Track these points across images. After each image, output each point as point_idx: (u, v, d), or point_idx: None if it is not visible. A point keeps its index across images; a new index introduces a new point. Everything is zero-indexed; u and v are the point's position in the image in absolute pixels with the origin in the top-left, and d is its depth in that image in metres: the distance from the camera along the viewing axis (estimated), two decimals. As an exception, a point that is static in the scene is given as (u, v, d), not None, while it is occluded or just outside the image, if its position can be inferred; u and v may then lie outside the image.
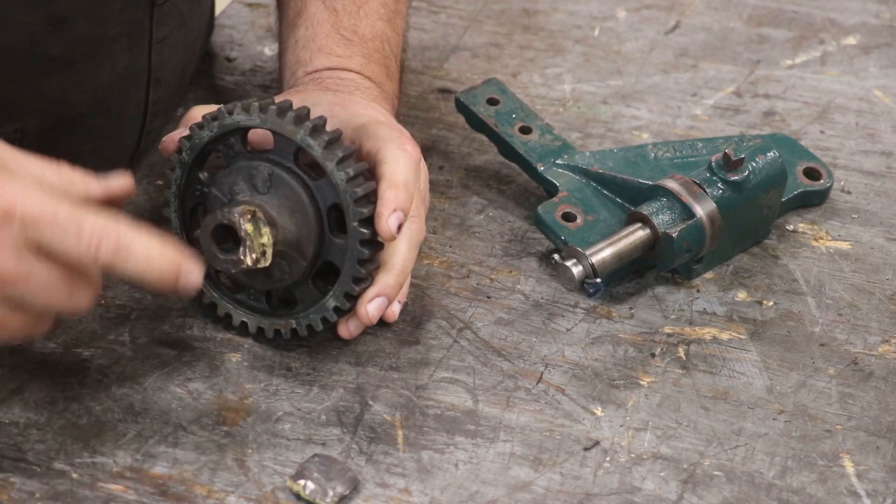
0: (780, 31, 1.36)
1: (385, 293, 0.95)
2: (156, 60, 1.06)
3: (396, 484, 0.90)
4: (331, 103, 1.00)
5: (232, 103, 0.95)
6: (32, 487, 0.89)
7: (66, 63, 0.99)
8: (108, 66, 1.02)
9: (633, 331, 1.02)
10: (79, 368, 0.97)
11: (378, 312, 0.95)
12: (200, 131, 0.95)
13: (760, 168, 1.04)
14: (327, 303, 0.95)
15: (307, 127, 0.92)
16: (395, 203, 0.92)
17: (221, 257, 0.92)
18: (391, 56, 1.11)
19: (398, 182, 0.93)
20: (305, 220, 0.93)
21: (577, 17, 1.38)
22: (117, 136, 1.08)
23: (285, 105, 0.93)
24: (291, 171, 0.93)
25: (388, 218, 0.92)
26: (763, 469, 0.92)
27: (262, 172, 0.93)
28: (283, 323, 0.97)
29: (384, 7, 1.12)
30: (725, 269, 1.08)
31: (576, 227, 1.07)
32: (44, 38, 0.96)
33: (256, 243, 0.92)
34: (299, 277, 0.95)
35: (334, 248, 0.94)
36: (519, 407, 0.96)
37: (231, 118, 0.94)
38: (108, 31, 1.00)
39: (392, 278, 0.95)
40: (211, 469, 0.90)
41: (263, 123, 0.93)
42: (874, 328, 1.03)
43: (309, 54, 1.08)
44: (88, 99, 1.02)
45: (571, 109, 1.25)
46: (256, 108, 0.93)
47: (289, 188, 0.93)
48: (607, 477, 0.91)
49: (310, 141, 0.92)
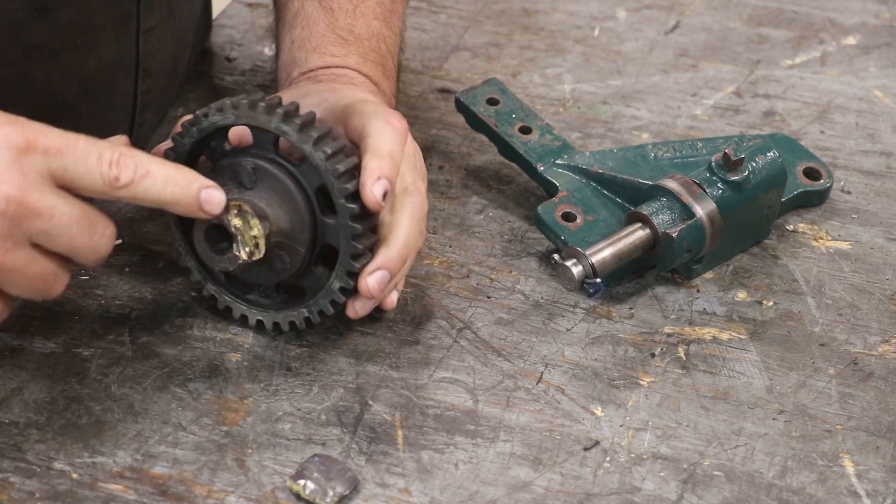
0: (780, 31, 1.36)
1: (386, 266, 0.94)
2: (144, 50, 1.06)
3: (396, 484, 0.90)
4: (320, 91, 1.00)
5: (206, 106, 0.95)
6: (32, 487, 0.89)
7: (51, 51, 0.98)
8: (94, 55, 1.02)
9: (633, 331, 1.02)
10: (79, 368, 0.97)
11: (379, 286, 0.94)
12: (182, 139, 0.96)
13: (760, 168, 1.04)
14: (332, 285, 0.95)
15: (279, 114, 0.92)
16: (379, 171, 0.91)
17: (218, 257, 0.93)
18: (388, 55, 1.11)
19: (382, 151, 0.92)
20: (295, 207, 0.93)
21: (577, 17, 1.38)
22: (107, 127, 1.07)
23: (256, 98, 0.93)
24: (274, 161, 0.94)
25: (373, 186, 0.91)
26: (763, 469, 0.92)
27: (246, 167, 0.93)
28: (295, 314, 0.97)
29: (380, 6, 1.12)
30: (725, 269, 1.07)
31: (576, 227, 1.07)
32: (28, 24, 0.96)
33: (248, 236, 0.92)
34: (301, 265, 0.95)
35: (329, 230, 0.94)
36: (519, 407, 0.96)
37: (207, 120, 0.94)
38: (94, 19, 1.00)
39: (393, 251, 0.94)
40: (211, 469, 0.90)
41: (238, 119, 0.93)
42: (874, 328, 1.03)
43: (304, 54, 1.08)
44: (75, 88, 1.02)
45: (571, 109, 1.25)
46: (229, 106, 0.93)
47: (274, 178, 0.93)
48: (607, 477, 0.91)
49: (283, 127, 0.92)
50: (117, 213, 1.08)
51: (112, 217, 0.87)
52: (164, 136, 1.05)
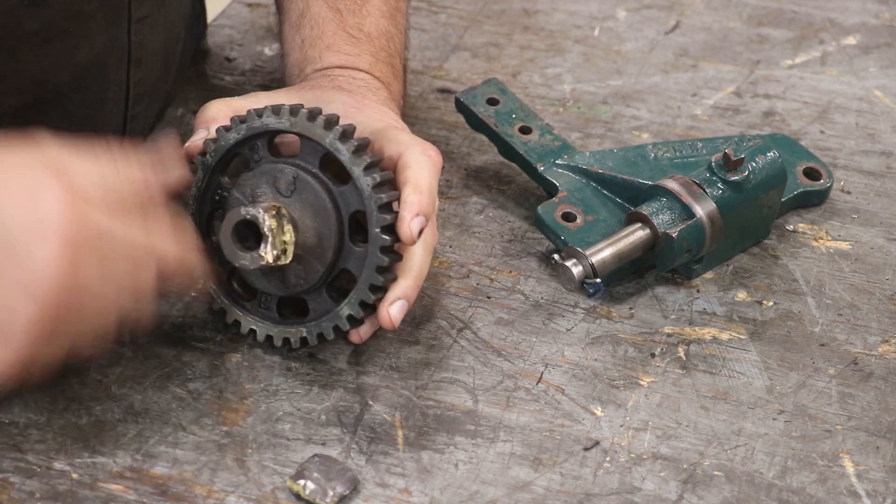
0: (780, 31, 1.36)
1: (405, 296, 0.94)
2: (135, 40, 1.06)
3: (396, 484, 0.90)
4: (345, 104, 1.00)
5: (262, 107, 0.94)
6: (32, 487, 0.89)
7: (43, 39, 0.98)
8: (86, 44, 1.02)
9: (633, 331, 1.02)
10: (79, 368, 0.97)
11: (400, 315, 0.94)
12: (227, 133, 0.95)
13: (760, 168, 1.04)
14: (341, 311, 0.94)
15: (337, 131, 0.91)
16: (419, 207, 0.92)
17: (242, 253, 0.91)
18: (395, 54, 1.11)
19: (423, 187, 0.93)
20: (327, 226, 0.93)
21: (577, 17, 1.38)
22: (99, 117, 1.07)
23: (315, 110, 0.93)
24: (316, 176, 0.93)
25: (411, 222, 0.91)
26: (763, 469, 0.92)
27: (287, 175, 0.93)
28: (292, 332, 0.97)
29: (385, 4, 1.12)
30: (725, 269, 1.08)
31: (576, 227, 1.07)
32: (20, 13, 0.96)
33: (279, 240, 0.91)
34: (315, 284, 0.94)
35: (352, 256, 0.93)
36: (519, 407, 0.96)
37: (260, 121, 0.93)
38: (85, 8, 1.00)
39: (411, 281, 0.95)
40: (211, 469, 0.90)
41: (293, 127, 0.93)
42: (874, 328, 1.03)
43: (317, 52, 1.08)
44: (67, 77, 1.02)
45: (571, 109, 1.25)
46: (287, 111, 0.93)
47: (313, 193, 0.92)
48: (607, 477, 0.91)
49: (339, 145, 0.91)
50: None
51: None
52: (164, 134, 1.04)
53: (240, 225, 0.91)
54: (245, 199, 0.94)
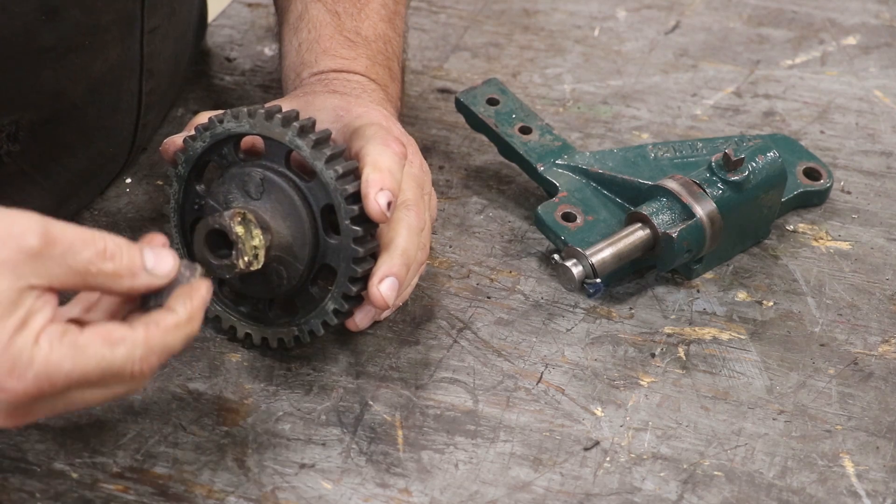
0: (780, 31, 1.36)
1: (392, 272, 0.93)
2: (148, 51, 1.06)
3: (396, 484, 0.90)
4: (336, 108, 1.00)
5: (222, 112, 0.95)
6: (32, 487, 0.89)
7: (59, 53, 0.99)
8: (101, 57, 1.02)
9: (633, 331, 1.02)
10: (79, 368, 0.97)
11: (392, 293, 0.92)
12: (194, 143, 0.95)
13: (760, 168, 1.04)
14: (326, 306, 0.95)
15: (295, 128, 0.91)
16: (381, 183, 0.91)
17: (215, 263, 0.91)
18: (393, 57, 1.11)
19: (381, 166, 0.92)
20: (299, 223, 0.93)
21: (577, 17, 1.38)
22: (112, 128, 1.08)
23: (273, 109, 0.93)
24: (283, 174, 0.93)
25: (376, 196, 0.91)
26: (763, 469, 0.92)
27: (254, 178, 0.93)
28: (285, 332, 0.97)
29: (384, 8, 1.12)
30: (725, 269, 1.08)
31: (576, 227, 1.07)
32: (37, 28, 0.96)
33: (248, 246, 0.91)
34: (297, 282, 0.94)
35: (330, 250, 0.94)
36: (519, 407, 0.96)
37: (222, 126, 0.94)
38: (100, 21, 1.00)
39: (397, 259, 0.93)
40: (211, 469, 0.90)
41: (253, 129, 0.93)
42: (874, 328, 1.03)
43: (314, 56, 1.08)
44: (83, 90, 1.02)
45: (571, 109, 1.25)
46: (245, 114, 0.93)
47: (281, 192, 0.93)
48: (607, 477, 0.91)
49: (298, 142, 0.91)
50: (117, 213, 1.08)
51: (111, 217, 0.87)
52: (166, 136, 1.04)
53: (211, 235, 0.91)
54: (219, 206, 0.94)
